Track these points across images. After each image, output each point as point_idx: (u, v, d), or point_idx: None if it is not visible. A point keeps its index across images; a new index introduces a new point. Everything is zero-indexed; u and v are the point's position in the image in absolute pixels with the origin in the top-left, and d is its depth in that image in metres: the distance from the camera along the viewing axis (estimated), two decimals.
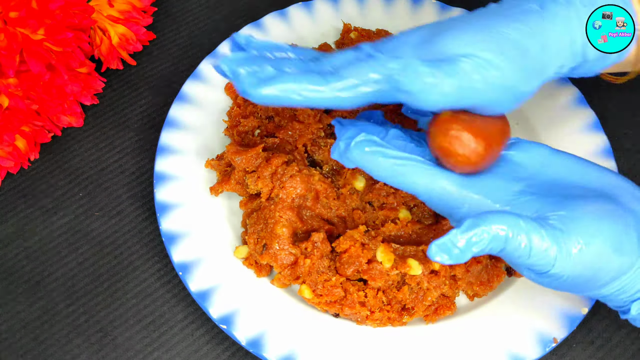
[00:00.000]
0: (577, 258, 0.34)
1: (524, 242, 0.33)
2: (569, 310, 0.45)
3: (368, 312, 0.44)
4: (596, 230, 0.34)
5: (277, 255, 0.45)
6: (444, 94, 0.35)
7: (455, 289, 0.45)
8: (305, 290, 0.44)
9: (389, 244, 0.45)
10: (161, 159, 0.50)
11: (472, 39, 0.35)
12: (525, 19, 0.36)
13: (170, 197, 0.49)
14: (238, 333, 0.43)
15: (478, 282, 0.46)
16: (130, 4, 0.55)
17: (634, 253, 0.35)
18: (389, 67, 0.35)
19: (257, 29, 0.58)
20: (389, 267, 0.44)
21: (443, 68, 0.34)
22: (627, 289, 0.35)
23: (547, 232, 0.34)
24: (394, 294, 0.44)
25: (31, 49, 0.45)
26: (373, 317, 0.44)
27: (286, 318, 0.45)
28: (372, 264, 0.44)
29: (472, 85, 0.35)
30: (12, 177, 0.53)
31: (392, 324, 0.45)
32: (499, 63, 0.35)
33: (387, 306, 0.44)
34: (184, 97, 0.54)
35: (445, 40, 0.35)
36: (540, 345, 0.43)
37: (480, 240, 0.33)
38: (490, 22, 0.36)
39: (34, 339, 0.46)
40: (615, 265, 0.34)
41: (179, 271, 0.45)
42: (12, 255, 0.49)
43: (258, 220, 0.46)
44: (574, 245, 0.34)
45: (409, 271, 0.43)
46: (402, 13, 0.60)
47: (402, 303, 0.44)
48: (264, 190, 0.47)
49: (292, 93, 0.34)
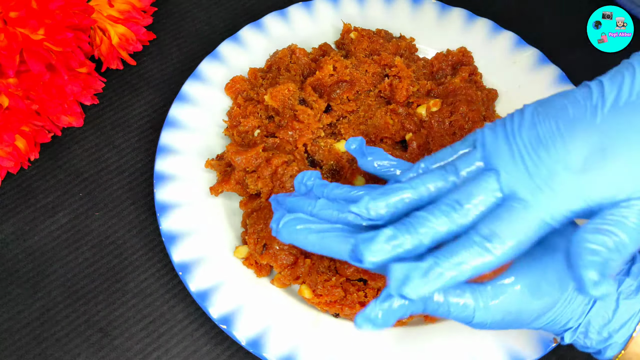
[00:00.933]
0: (495, 308, 0.34)
1: (441, 302, 0.33)
2: None
3: None
4: (511, 277, 0.34)
5: (277, 255, 0.45)
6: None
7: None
8: (305, 290, 0.44)
9: None
10: (161, 159, 0.50)
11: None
12: None
13: (170, 197, 0.49)
14: (238, 333, 0.43)
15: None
16: (130, 4, 0.55)
17: (554, 292, 0.34)
18: (546, 222, 0.31)
19: (257, 29, 0.58)
20: None
21: (609, 223, 0.29)
22: (557, 322, 0.35)
23: (463, 288, 0.34)
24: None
25: (31, 49, 0.45)
26: None
27: (286, 318, 0.45)
28: None
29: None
30: (12, 177, 0.53)
31: None
32: None
33: None
34: (184, 97, 0.54)
35: (618, 173, 0.29)
36: (540, 345, 0.43)
37: (399, 307, 0.32)
38: None
39: (34, 339, 0.46)
40: (536, 307, 0.34)
41: (179, 271, 0.45)
42: (12, 255, 0.49)
43: (258, 220, 0.46)
44: (490, 296, 0.33)
45: None
46: (402, 13, 0.60)
47: None
48: (264, 190, 0.47)
49: (457, 277, 0.31)
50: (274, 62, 0.56)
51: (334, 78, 0.53)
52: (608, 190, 0.30)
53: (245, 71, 0.56)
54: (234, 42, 0.57)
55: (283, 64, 0.55)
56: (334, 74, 0.53)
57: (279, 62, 0.55)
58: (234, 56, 0.57)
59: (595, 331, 0.36)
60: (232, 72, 0.56)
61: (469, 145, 0.35)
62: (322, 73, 0.53)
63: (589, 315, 0.35)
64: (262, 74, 0.56)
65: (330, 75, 0.53)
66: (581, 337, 0.36)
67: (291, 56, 0.56)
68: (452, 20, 0.59)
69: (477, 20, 0.59)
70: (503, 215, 0.31)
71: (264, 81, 0.55)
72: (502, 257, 0.31)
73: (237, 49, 0.57)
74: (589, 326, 0.36)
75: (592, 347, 0.36)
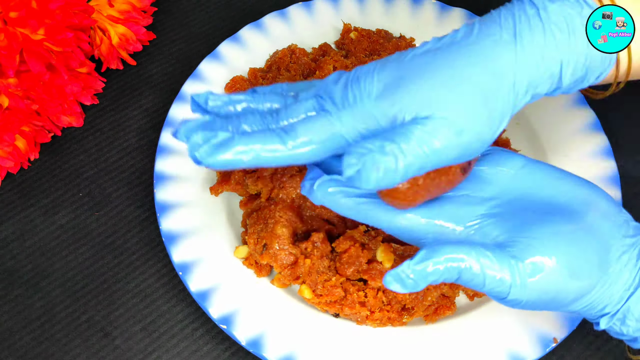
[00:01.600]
0: (532, 286, 0.34)
1: (478, 273, 0.33)
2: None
3: (368, 312, 0.44)
4: (552, 256, 0.34)
5: (277, 255, 0.45)
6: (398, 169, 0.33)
7: (455, 289, 0.45)
8: (305, 290, 0.44)
9: (389, 244, 0.45)
10: (161, 159, 0.50)
11: (433, 96, 0.33)
12: (497, 55, 0.33)
13: (170, 197, 0.49)
14: (238, 333, 0.43)
15: None
16: (130, 4, 0.55)
17: (593, 276, 0.34)
18: (341, 133, 0.34)
19: (257, 29, 0.58)
20: (389, 267, 0.44)
21: (397, 141, 0.32)
22: (593, 306, 0.35)
23: (501, 262, 0.33)
24: (394, 294, 0.44)
25: (31, 49, 0.45)
26: (373, 317, 0.44)
27: (286, 318, 0.45)
28: (372, 264, 0.44)
29: (430, 152, 0.32)
30: (12, 177, 0.53)
31: (392, 324, 0.45)
32: (461, 123, 0.33)
33: (387, 306, 0.44)
34: (184, 97, 0.54)
35: (403, 98, 0.33)
36: (540, 345, 0.43)
37: (433, 271, 0.33)
38: (456, 64, 0.33)
39: (34, 339, 0.46)
40: (574, 289, 0.34)
41: (179, 271, 0.45)
42: (12, 255, 0.49)
43: (258, 220, 0.46)
44: (528, 273, 0.33)
45: None
46: (402, 13, 0.60)
47: (402, 303, 0.44)
48: (263, 190, 0.47)
49: (248, 154, 0.33)
50: (273, 62, 0.56)
51: None
52: (391, 110, 0.33)
53: (245, 71, 0.56)
54: (233, 42, 0.57)
55: (283, 64, 0.55)
56: None
57: (279, 62, 0.55)
58: (234, 56, 0.57)
59: (635, 319, 0.35)
60: (232, 72, 0.56)
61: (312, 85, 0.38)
62: (323, 73, 0.52)
63: (629, 302, 0.35)
64: (262, 74, 0.56)
65: None
66: (618, 323, 0.36)
67: (291, 56, 0.56)
68: (452, 20, 0.59)
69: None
70: (307, 119, 0.35)
71: (263, 81, 0.55)
72: (293, 151, 0.34)
73: (237, 49, 0.57)
74: (627, 313, 0.35)
75: (629, 335, 0.36)
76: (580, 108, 0.54)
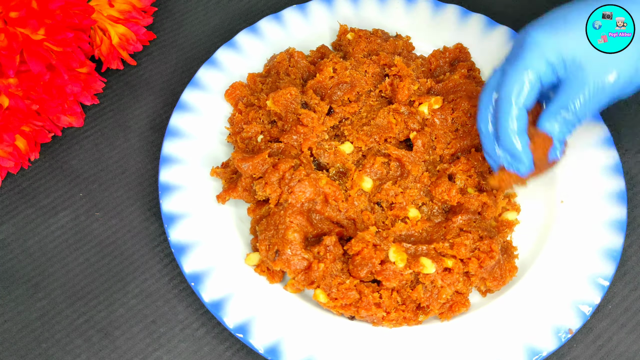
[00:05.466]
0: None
1: None
2: (581, 300, 0.45)
3: (384, 313, 0.44)
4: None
5: (290, 260, 0.44)
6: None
7: (468, 286, 0.45)
8: (320, 294, 0.44)
9: (400, 244, 0.45)
10: (165, 170, 0.50)
11: None
12: None
13: (177, 207, 0.48)
14: (255, 341, 0.43)
15: (491, 278, 0.46)
16: (130, 4, 0.55)
17: None
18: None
19: (253, 33, 0.58)
20: (403, 267, 0.44)
21: None
22: None
23: None
24: (409, 294, 0.44)
25: (31, 49, 0.45)
26: (389, 318, 0.44)
27: (302, 323, 0.44)
28: (385, 265, 0.44)
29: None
30: (12, 177, 0.53)
31: (408, 323, 0.45)
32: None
33: (402, 306, 0.44)
34: (184, 105, 0.53)
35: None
36: (555, 337, 0.43)
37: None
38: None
39: (34, 339, 0.46)
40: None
41: (190, 282, 0.45)
42: (12, 255, 0.49)
43: (268, 226, 0.46)
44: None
45: (423, 270, 0.43)
46: (397, 12, 0.60)
47: (417, 302, 0.44)
48: (272, 195, 0.47)
49: None
50: (272, 66, 0.56)
51: (334, 80, 0.52)
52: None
53: (244, 77, 0.56)
54: (230, 48, 0.57)
55: (282, 68, 0.55)
56: (334, 75, 0.53)
57: (278, 66, 0.55)
58: (231, 62, 0.56)
59: None
60: (231, 79, 0.55)
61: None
62: (323, 75, 0.52)
63: None
64: (261, 78, 0.55)
65: (330, 78, 0.53)
66: None
67: (290, 60, 0.55)
68: (447, 17, 0.59)
69: (472, 16, 0.59)
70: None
71: (263, 86, 0.54)
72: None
73: (234, 54, 0.57)
74: None
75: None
76: (594, 123, 0.53)
